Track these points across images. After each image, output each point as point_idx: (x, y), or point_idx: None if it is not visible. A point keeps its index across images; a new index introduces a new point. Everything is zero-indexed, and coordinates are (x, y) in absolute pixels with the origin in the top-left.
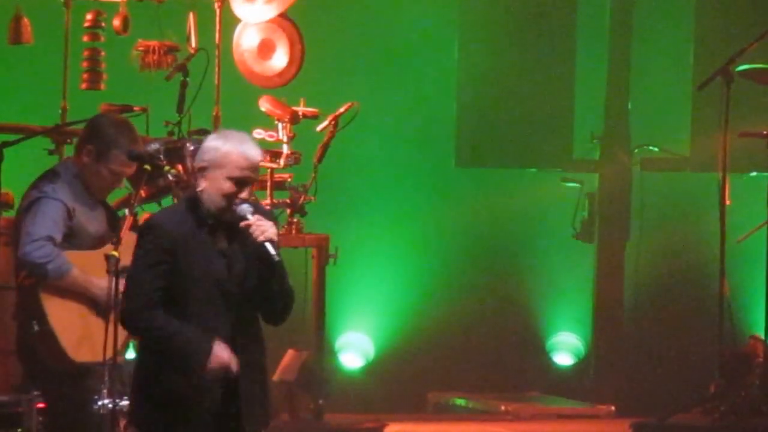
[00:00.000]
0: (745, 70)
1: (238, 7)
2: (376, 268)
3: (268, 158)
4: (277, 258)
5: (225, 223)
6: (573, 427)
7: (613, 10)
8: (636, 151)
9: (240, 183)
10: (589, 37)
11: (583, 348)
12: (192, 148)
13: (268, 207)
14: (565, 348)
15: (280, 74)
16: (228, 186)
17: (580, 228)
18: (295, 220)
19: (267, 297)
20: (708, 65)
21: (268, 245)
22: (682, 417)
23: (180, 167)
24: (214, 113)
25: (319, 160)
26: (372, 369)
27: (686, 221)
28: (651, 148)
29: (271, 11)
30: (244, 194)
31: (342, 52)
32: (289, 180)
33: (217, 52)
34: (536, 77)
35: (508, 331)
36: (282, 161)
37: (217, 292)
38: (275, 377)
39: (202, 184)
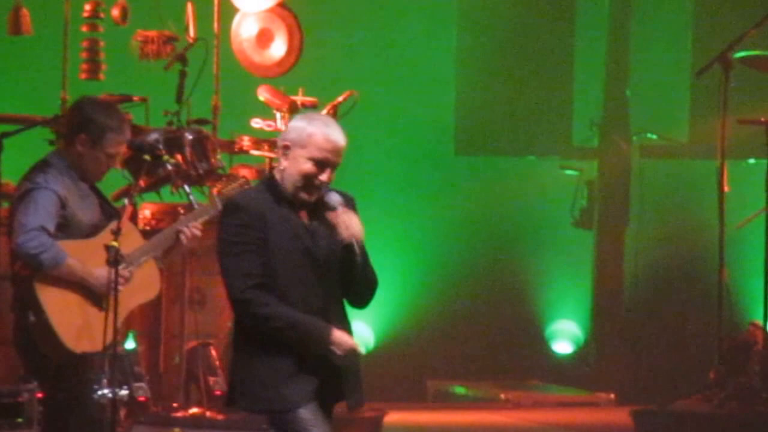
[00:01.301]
0: (743, 57)
1: None
2: (375, 257)
3: (267, 147)
4: (359, 260)
5: (304, 203)
6: (573, 415)
7: None
8: (635, 138)
9: (320, 164)
10: (587, 24)
11: (583, 336)
12: (191, 137)
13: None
14: (565, 336)
15: (279, 63)
16: (308, 166)
17: (579, 215)
18: None
19: (350, 281)
20: (707, 52)
21: (354, 245)
22: (682, 404)
23: (179, 157)
24: (213, 103)
25: None
26: (372, 357)
27: (685, 208)
28: (650, 135)
29: (270, 0)
30: (325, 177)
31: (341, 41)
32: None
33: (215, 42)
34: (535, 65)
35: (507, 319)
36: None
37: (307, 262)
38: None
39: (283, 163)
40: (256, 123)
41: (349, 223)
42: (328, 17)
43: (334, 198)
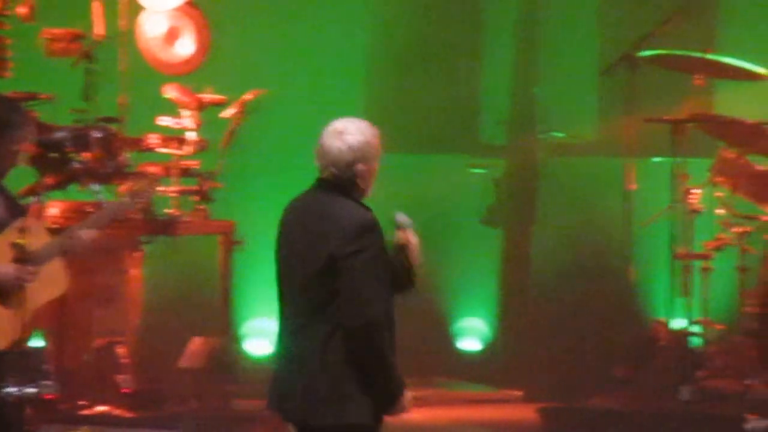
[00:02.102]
0: (649, 56)
1: None
2: None
3: (174, 145)
4: (414, 285)
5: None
6: (481, 413)
7: None
8: (542, 136)
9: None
10: (495, 22)
11: (490, 333)
12: (98, 135)
13: None
14: (473, 333)
15: (187, 62)
16: (375, 170)
17: (486, 213)
18: (202, 207)
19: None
20: (613, 51)
21: (413, 272)
22: (588, 401)
23: (86, 155)
24: (120, 101)
25: (226, 147)
26: None
27: (592, 206)
28: (557, 133)
29: None
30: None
31: (249, 39)
32: (196, 167)
33: (123, 40)
34: (443, 63)
35: (415, 317)
36: (189, 148)
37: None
38: (182, 364)
39: (361, 183)
40: (164, 121)
41: (418, 253)
42: (236, 15)
43: (405, 219)
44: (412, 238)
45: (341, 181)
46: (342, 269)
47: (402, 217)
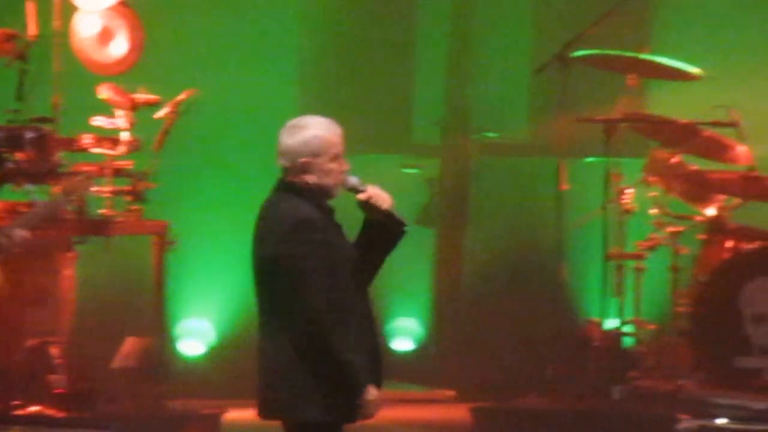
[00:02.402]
0: (582, 56)
1: None
2: (217, 255)
3: (108, 145)
4: (406, 222)
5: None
6: (413, 413)
7: None
8: (475, 136)
9: (337, 158)
10: (428, 22)
11: (424, 333)
12: (32, 135)
13: None
14: (406, 333)
15: (120, 62)
16: (332, 166)
17: (420, 213)
18: (135, 207)
19: (378, 267)
20: (546, 51)
21: (394, 212)
22: (521, 400)
23: (20, 155)
24: (53, 101)
25: (159, 147)
26: (213, 355)
27: (525, 206)
28: (490, 133)
29: None
30: (346, 166)
31: (182, 39)
32: (129, 167)
33: (56, 40)
34: (376, 64)
35: None
36: (122, 148)
37: (349, 273)
38: (115, 364)
39: (310, 179)
40: (98, 121)
41: (384, 196)
42: (169, 15)
43: (354, 180)
44: (372, 191)
45: (294, 178)
46: (280, 269)
47: (352, 180)
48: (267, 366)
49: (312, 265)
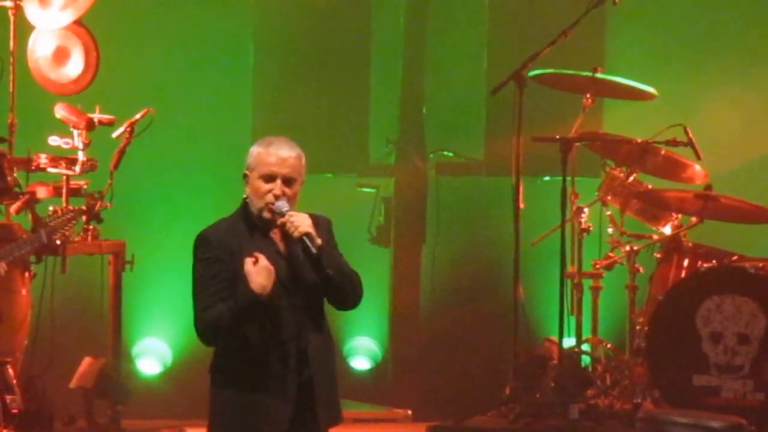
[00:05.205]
0: (537, 75)
1: (32, 13)
2: (173, 274)
3: (64, 165)
4: (314, 250)
5: (270, 224)
6: (370, 431)
7: (407, 15)
8: (431, 155)
9: (269, 178)
10: (383, 42)
11: (381, 352)
12: None
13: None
14: (363, 352)
15: (76, 81)
16: (260, 184)
17: (376, 232)
18: (91, 226)
19: (328, 286)
20: (501, 70)
21: (305, 239)
22: (478, 420)
23: None
24: (9, 120)
25: (115, 167)
26: (170, 374)
27: (482, 225)
28: (446, 152)
29: (66, 18)
30: (277, 190)
31: (137, 58)
32: (85, 187)
33: (11, 60)
34: (331, 83)
35: None
36: (78, 168)
37: (280, 292)
38: (72, 384)
39: (247, 191)
40: (54, 140)
41: (297, 222)
42: (124, 35)
43: (279, 205)
44: (288, 217)
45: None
46: None
47: (276, 205)
48: None
49: (197, 279)
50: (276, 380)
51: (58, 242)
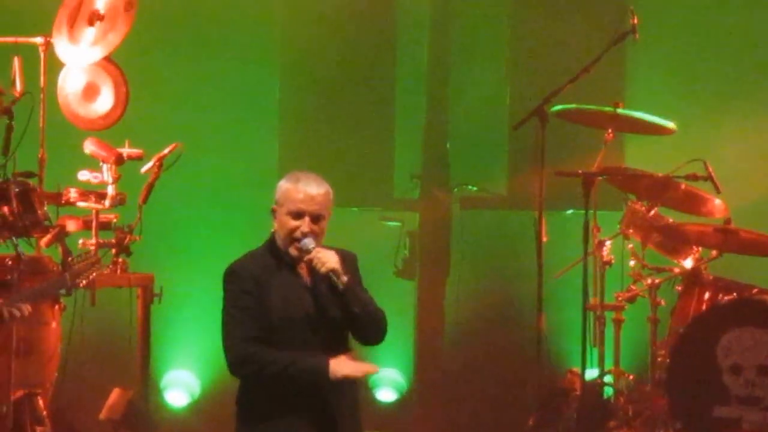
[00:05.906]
0: (559, 111)
1: (62, 50)
2: (201, 307)
3: (93, 199)
4: (341, 286)
5: (297, 260)
6: None
7: (430, 52)
8: (455, 190)
9: (297, 215)
10: (407, 79)
11: (406, 383)
12: (17, 189)
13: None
14: (388, 384)
15: (105, 116)
16: (288, 220)
17: (401, 266)
18: (120, 260)
19: (353, 322)
20: (523, 106)
21: (332, 275)
22: None
23: (6, 208)
24: (39, 155)
25: (144, 201)
26: (197, 406)
27: (505, 258)
28: (469, 187)
29: (96, 54)
30: (305, 227)
31: (166, 93)
32: (115, 220)
33: (42, 96)
34: (356, 119)
35: None
36: (107, 202)
37: (306, 325)
38: (101, 416)
39: (275, 225)
40: (83, 175)
41: (324, 258)
42: (153, 70)
43: (305, 242)
44: (315, 254)
45: None
46: None
47: (303, 242)
48: None
49: (228, 311)
50: (301, 413)
51: (80, 285)
